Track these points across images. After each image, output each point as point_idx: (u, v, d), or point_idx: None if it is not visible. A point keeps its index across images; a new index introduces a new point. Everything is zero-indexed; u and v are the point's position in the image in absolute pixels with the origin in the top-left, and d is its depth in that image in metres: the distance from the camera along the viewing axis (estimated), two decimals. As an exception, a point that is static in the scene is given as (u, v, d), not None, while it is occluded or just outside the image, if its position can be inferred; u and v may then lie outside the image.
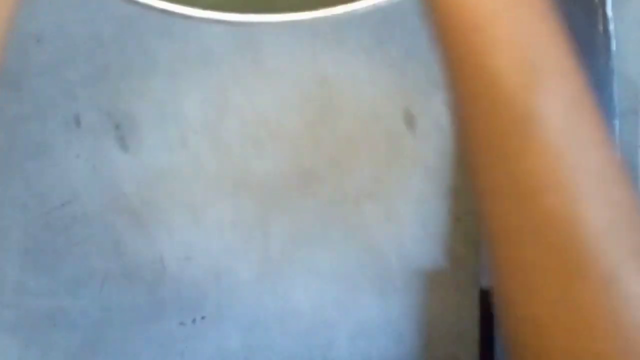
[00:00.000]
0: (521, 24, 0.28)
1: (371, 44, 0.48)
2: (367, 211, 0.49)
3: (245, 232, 0.49)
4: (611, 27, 0.47)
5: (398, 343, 0.49)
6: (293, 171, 0.49)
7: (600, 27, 0.46)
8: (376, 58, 0.48)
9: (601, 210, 0.27)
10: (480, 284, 0.47)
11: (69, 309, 0.49)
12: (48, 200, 0.49)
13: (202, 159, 0.49)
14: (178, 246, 0.49)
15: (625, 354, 0.26)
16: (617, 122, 0.47)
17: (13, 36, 0.48)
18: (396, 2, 0.39)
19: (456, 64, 0.29)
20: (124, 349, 0.49)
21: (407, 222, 0.49)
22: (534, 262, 0.28)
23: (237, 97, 0.48)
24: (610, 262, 0.27)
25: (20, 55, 0.48)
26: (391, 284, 0.49)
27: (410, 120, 0.49)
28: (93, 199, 0.49)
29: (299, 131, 0.48)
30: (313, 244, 0.49)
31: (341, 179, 0.49)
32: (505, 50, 0.28)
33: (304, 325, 0.49)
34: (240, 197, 0.49)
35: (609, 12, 0.47)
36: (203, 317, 0.49)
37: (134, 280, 0.49)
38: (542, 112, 0.28)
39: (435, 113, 0.48)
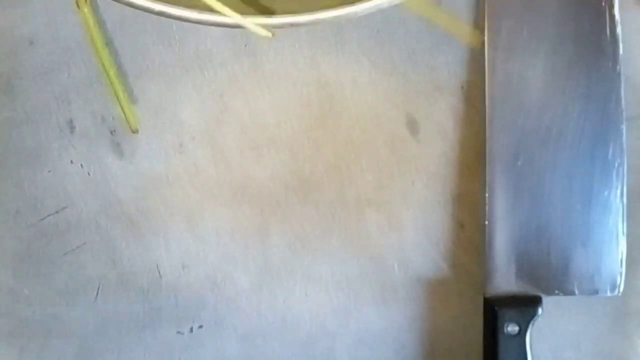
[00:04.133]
0: None
1: (372, 47, 0.47)
2: (368, 218, 0.48)
3: (243, 239, 0.49)
4: (618, 30, 0.46)
5: (400, 353, 0.49)
6: (293, 178, 0.48)
7: (607, 31, 0.46)
8: (378, 61, 0.47)
9: None
10: (484, 292, 0.47)
11: (64, 318, 0.49)
12: (42, 207, 0.49)
13: (200, 165, 0.48)
14: (175, 254, 0.49)
15: None
16: (624, 127, 0.46)
17: (5, 39, 0.47)
18: (398, 3, 0.39)
19: None
20: (119, 358, 0.49)
21: (410, 230, 0.48)
22: None
23: (235, 102, 0.48)
24: None
25: (12, 59, 0.48)
26: (393, 293, 0.49)
27: (413, 126, 0.48)
28: (88, 205, 0.49)
29: (299, 137, 0.48)
30: (313, 252, 0.49)
31: (342, 185, 0.48)
32: None
33: (304, 335, 0.49)
34: (238, 204, 0.48)
35: (617, 15, 0.46)
36: (200, 326, 0.49)
37: (130, 289, 0.49)
38: None
39: (439, 118, 0.48)
